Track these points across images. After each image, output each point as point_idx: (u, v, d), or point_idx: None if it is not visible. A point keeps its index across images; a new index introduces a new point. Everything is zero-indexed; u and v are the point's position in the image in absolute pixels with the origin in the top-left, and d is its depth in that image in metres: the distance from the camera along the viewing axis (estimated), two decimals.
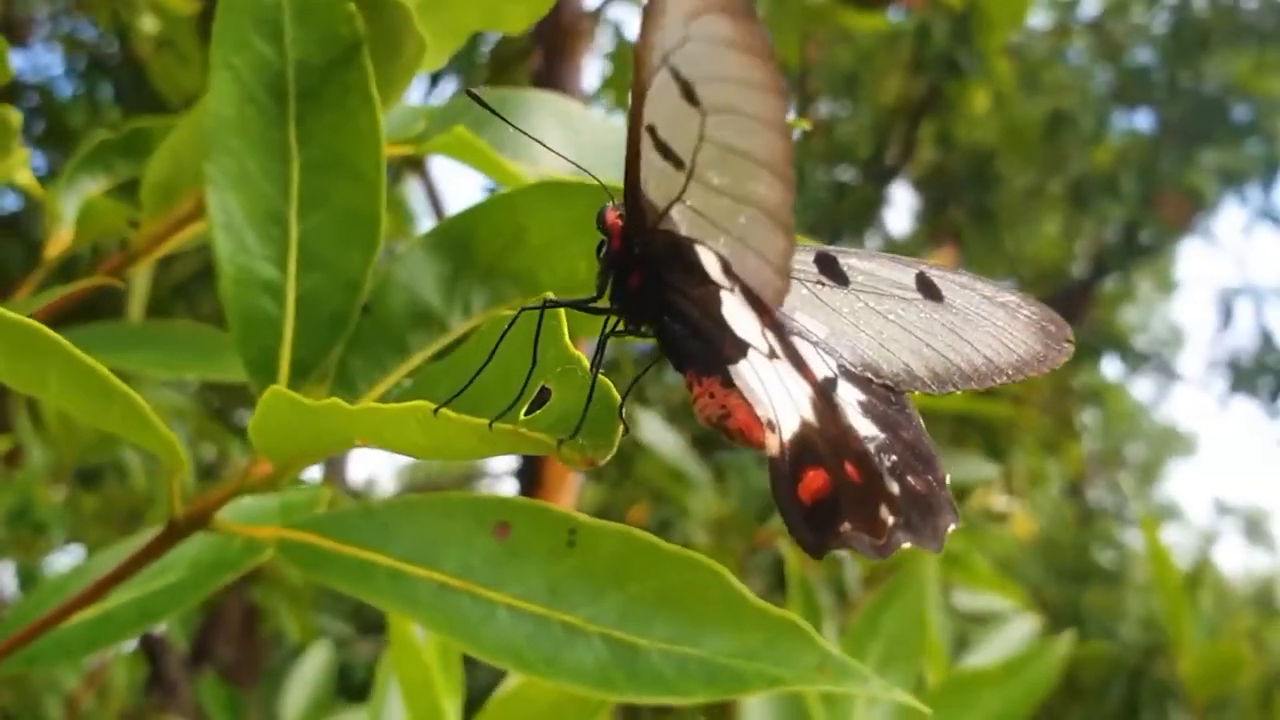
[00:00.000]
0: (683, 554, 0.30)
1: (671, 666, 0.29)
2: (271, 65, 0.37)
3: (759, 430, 0.27)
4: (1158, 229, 2.90)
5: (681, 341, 0.29)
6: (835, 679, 0.28)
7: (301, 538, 0.36)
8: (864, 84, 2.79)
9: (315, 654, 1.12)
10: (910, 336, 0.32)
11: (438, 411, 0.26)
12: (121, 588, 0.43)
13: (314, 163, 0.37)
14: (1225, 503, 6.76)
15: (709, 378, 0.28)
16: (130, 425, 0.32)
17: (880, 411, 0.30)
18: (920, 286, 0.33)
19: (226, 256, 0.36)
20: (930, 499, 0.28)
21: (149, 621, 0.44)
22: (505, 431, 0.26)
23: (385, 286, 0.39)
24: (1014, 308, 0.33)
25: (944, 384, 0.32)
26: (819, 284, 0.33)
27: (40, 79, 1.87)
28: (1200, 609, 1.05)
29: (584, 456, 0.26)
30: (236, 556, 0.45)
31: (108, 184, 0.50)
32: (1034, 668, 0.81)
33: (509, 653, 0.31)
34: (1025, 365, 0.33)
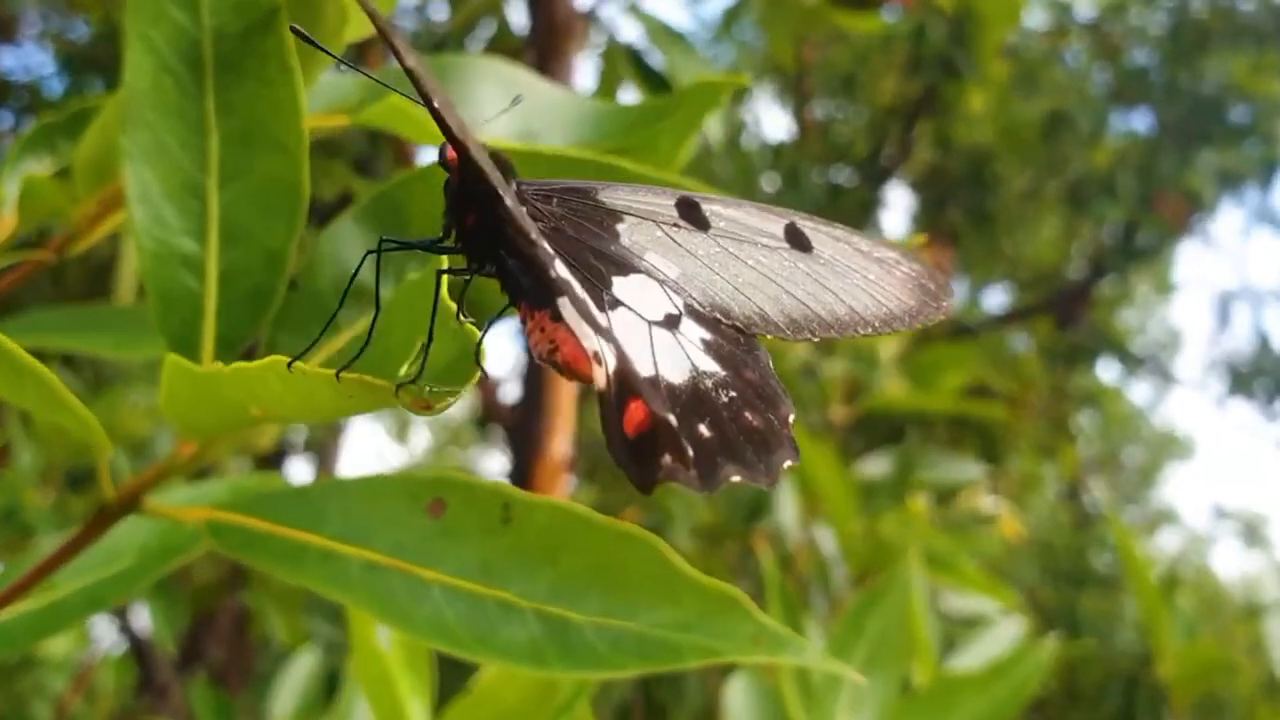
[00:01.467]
0: (618, 526, 0.30)
1: (605, 640, 0.29)
2: (187, 34, 0.36)
3: (586, 363, 0.27)
4: (1156, 230, 2.89)
5: (515, 277, 0.30)
6: (770, 649, 0.27)
7: (232, 519, 0.36)
8: (860, 85, 2.79)
9: (304, 657, 1.12)
10: (768, 282, 0.33)
11: (292, 365, 0.26)
12: (70, 576, 0.42)
13: (233, 134, 0.36)
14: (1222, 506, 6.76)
15: (539, 311, 0.29)
16: (45, 404, 0.32)
17: (725, 350, 0.31)
18: (788, 236, 0.34)
19: (144, 230, 0.36)
20: (768, 435, 0.29)
21: (97, 608, 0.43)
22: (351, 380, 0.26)
23: (313, 261, 0.38)
24: (891, 263, 0.34)
25: (800, 330, 0.33)
26: (675, 226, 0.33)
27: (31, 78, 1.86)
28: (1179, 611, 1.05)
29: (419, 401, 0.26)
30: (184, 542, 0.44)
31: (53, 165, 0.49)
32: (1020, 670, 0.81)
33: (441, 631, 0.30)
34: (894, 319, 0.34)
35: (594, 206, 0.33)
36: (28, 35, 1.84)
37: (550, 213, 0.32)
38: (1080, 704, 2.38)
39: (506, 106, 0.42)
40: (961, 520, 1.34)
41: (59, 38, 1.85)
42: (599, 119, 0.46)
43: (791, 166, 2.68)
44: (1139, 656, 2.31)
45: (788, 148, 2.79)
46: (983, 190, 2.88)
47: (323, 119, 0.44)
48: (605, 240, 0.32)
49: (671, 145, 0.45)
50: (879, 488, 1.33)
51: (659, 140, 0.45)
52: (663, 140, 0.45)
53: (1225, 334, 3.88)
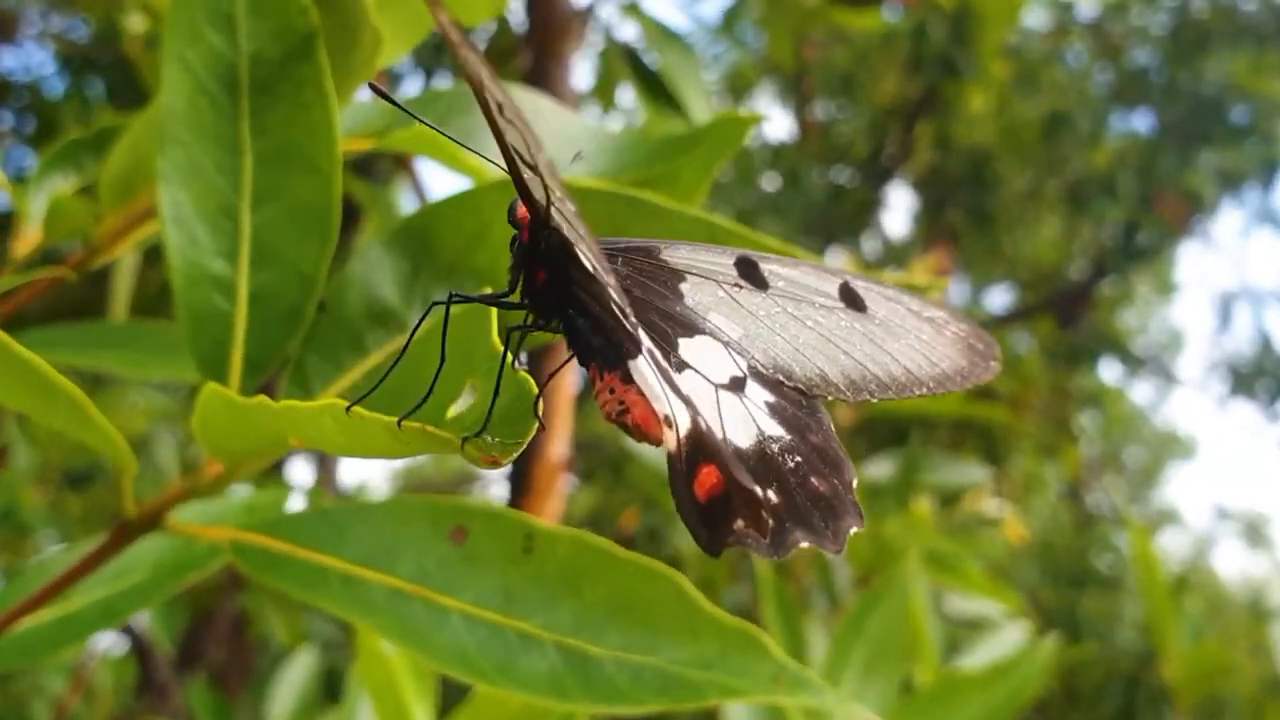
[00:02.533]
0: (638, 561, 0.29)
1: (625, 675, 0.29)
2: (224, 58, 0.36)
3: (656, 426, 0.27)
4: (1156, 230, 2.89)
5: (584, 336, 0.29)
6: (790, 690, 0.27)
7: (255, 540, 0.35)
8: (860, 85, 2.79)
9: (303, 658, 1.12)
10: (827, 343, 0.33)
11: (350, 409, 0.26)
12: (85, 589, 0.42)
13: (267, 156, 0.37)
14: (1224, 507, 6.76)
15: (610, 373, 0.28)
16: (76, 424, 0.31)
17: (789, 414, 0.31)
18: (843, 296, 0.34)
19: (176, 251, 0.36)
20: (834, 501, 0.29)
21: (111, 621, 0.43)
22: (413, 430, 0.26)
23: (343, 284, 0.38)
24: (941, 323, 0.34)
25: (859, 391, 0.33)
26: (737, 286, 0.33)
27: (31, 78, 1.86)
28: (1186, 614, 1.04)
29: (486, 455, 0.26)
30: (199, 557, 0.44)
31: (78, 182, 0.49)
32: (1020, 671, 0.81)
33: (461, 659, 0.30)
34: (947, 380, 0.34)
35: (658, 266, 0.33)
36: (28, 35, 1.84)
37: (617, 272, 0.32)
38: (1080, 704, 2.38)
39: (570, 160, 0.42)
40: (965, 523, 1.34)
41: (59, 37, 1.85)
42: (621, 150, 0.46)
43: (792, 167, 2.68)
44: (1139, 657, 2.30)
45: (788, 148, 2.79)
46: (983, 190, 2.88)
47: (348, 142, 0.43)
48: (670, 301, 0.32)
49: (694, 178, 0.45)
50: (883, 490, 1.33)
51: (682, 173, 0.45)
52: (685, 173, 0.45)
53: (1226, 334, 3.88)
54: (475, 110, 0.46)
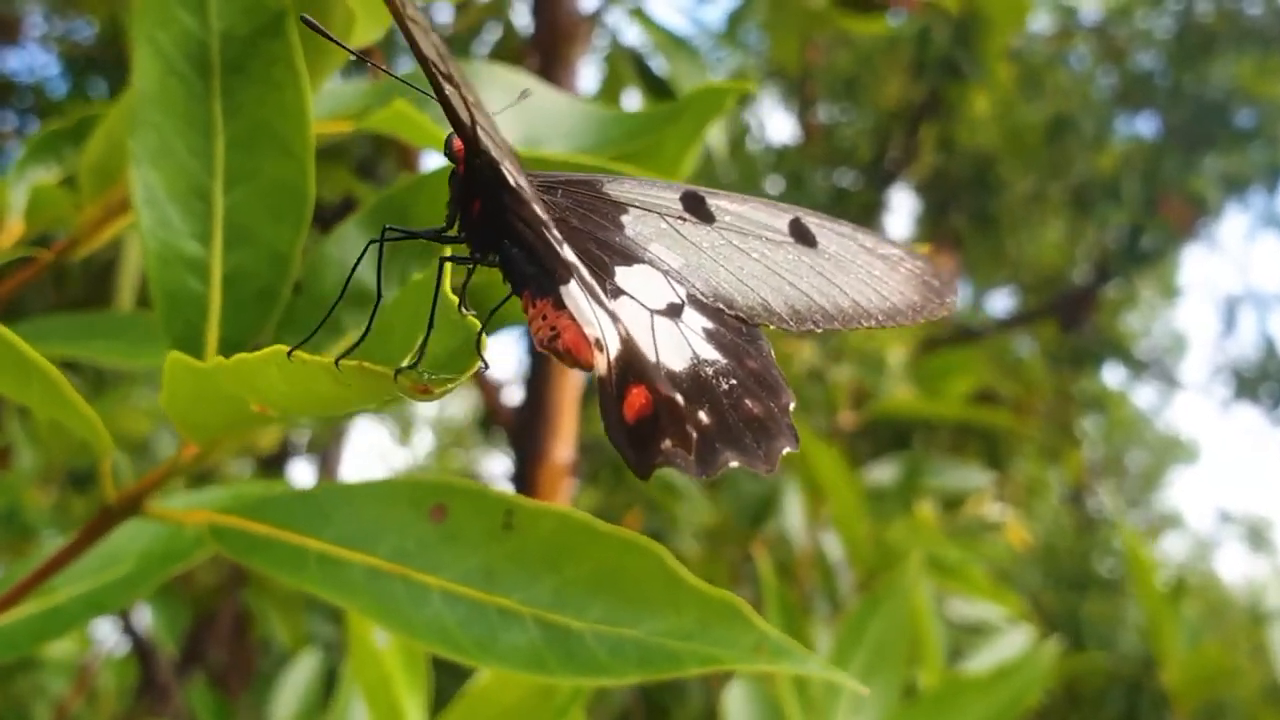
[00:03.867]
0: (620, 534, 0.30)
1: (605, 648, 0.29)
2: (195, 37, 0.36)
3: (587, 350, 0.27)
4: (1160, 234, 2.89)
5: (519, 265, 0.30)
6: (772, 658, 0.27)
7: (233, 522, 0.36)
8: (864, 88, 2.79)
9: (305, 659, 1.12)
10: (772, 274, 0.33)
11: (291, 354, 0.26)
12: (71, 580, 0.42)
13: (240, 137, 0.36)
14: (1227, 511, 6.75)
15: (542, 299, 0.29)
16: (50, 402, 0.31)
17: (727, 340, 0.31)
18: (793, 231, 0.34)
19: (149, 232, 0.36)
20: (768, 422, 0.29)
21: (98, 612, 0.43)
22: (350, 367, 0.26)
23: (318, 264, 0.38)
24: (895, 259, 0.35)
25: (803, 321, 0.33)
26: (681, 219, 0.34)
27: (35, 79, 1.87)
28: (1185, 619, 1.04)
29: (418, 385, 0.26)
30: (186, 547, 0.44)
31: (60, 173, 0.49)
32: (1021, 675, 0.80)
33: (441, 636, 0.31)
34: (897, 313, 0.34)
35: (599, 199, 0.33)
36: (32, 37, 1.84)
37: (555, 204, 0.32)
38: (1082, 708, 2.37)
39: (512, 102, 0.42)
40: (968, 527, 1.34)
41: (63, 39, 1.85)
42: (603, 125, 0.46)
43: (795, 170, 2.68)
44: (1142, 661, 2.30)
45: (792, 151, 2.78)
46: (987, 193, 2.87)
47: (327, 125, 0.43)
48: (610, 231, 0.33)
49: (677, 151, 0.45)
50: (886, 494, 1.33)
51: (664, 146, 0.45)
52: (668, 146, 0.45)
53: (1230, 338, 3.88)
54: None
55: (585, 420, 1.28)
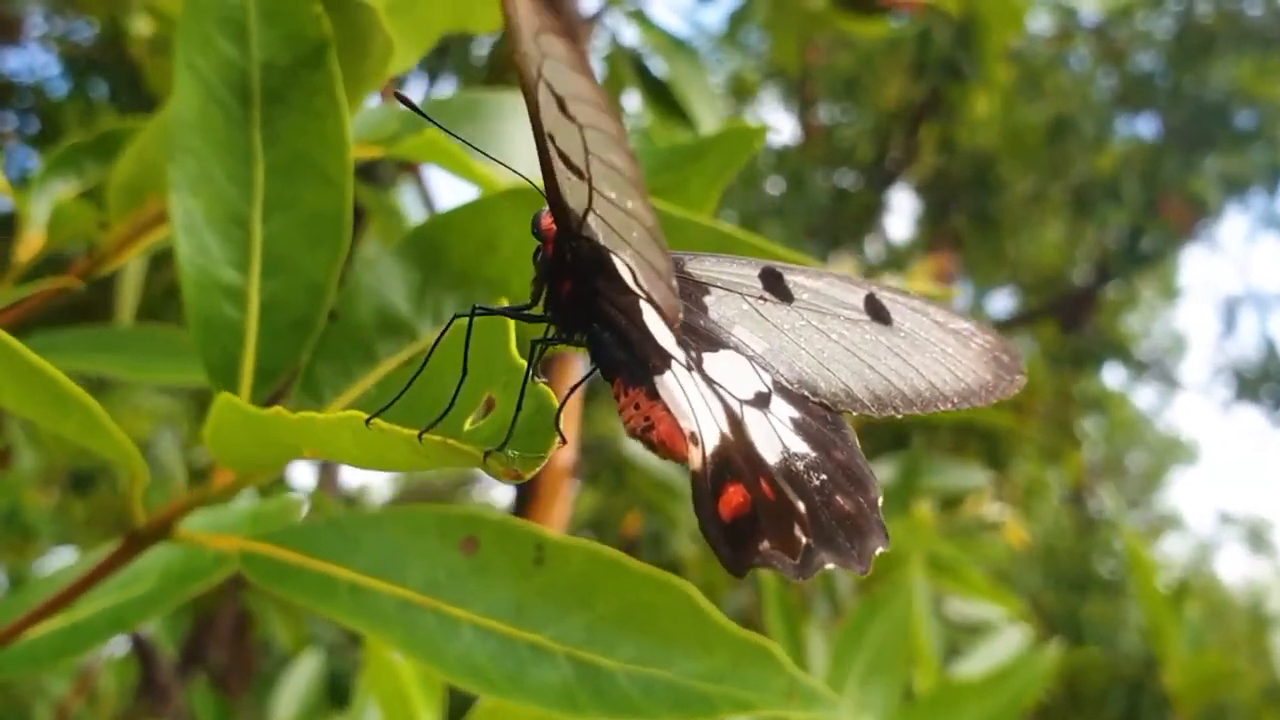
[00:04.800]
0: (650, 572, 0.29)
1: (638, 688, 0.29)
2: (236, 66, 0.36)
3: (682, 443, 0.26)
4: (1160, 235, 2.89)
5: (610, 350, 0.29)
6: (804, 704, 0.27)
7: (265, 550, 0.35)
8: (864, 89, 2.79)
9: (306, 661, 1.12)
10: (852, 357, 0.32)
11: (369, 422, 0.26)
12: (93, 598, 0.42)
13: (279, 165, 0.36)
14: (1227, 512, 6.75)
15: (635, 388, 0.28)
16: (88, 433, 0.31)
17: (814, 430, 0.30)
18: (868, 308, 0.33)
19: (187, 259, 0.36)
20: (859, 520, 0.28)
21: (119, 630, 0.43)
22: (435, 443, 0.26)
23: (353, 293, 0.38)
24: (967, 336, 0.33)
25: (884, 407, 0.32)
26: (761, 299, 0.32)
27: (35, 79, 1.87)
28: (1186, 621, 1.04)
29: (509, 470, 0.25)
30: (208, 566, 0.44)
31: (80, 187, 0.49)
32: (1020, 677, 0.80)
33: (472, 671, 0.30)
34: (972, 394, 0.33)
35: (683, 279, 0.32)
36: (32, 37, 1.84)
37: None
38: (1084, 709, 2.37)
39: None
40: (967, 527, 1.34)
41: (63, 40, 1.85)
42: None
43: (796, 170, 2.68)
44: (1143, 662, 2.30)
45: (792, 151, 2.78)
46: (987, 194, 2.87)
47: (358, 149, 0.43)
48: (695, 315, 0.31)
49: (703, 188, 0.45)
50: (884, 494, 1.33)
51: (690, 183, 0.45)
52: (694, 183, 0.45)
53: (1231, 339, 3.88)
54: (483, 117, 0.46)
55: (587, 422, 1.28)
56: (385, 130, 0.44)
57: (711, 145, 0.45)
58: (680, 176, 0.45)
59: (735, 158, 0.45)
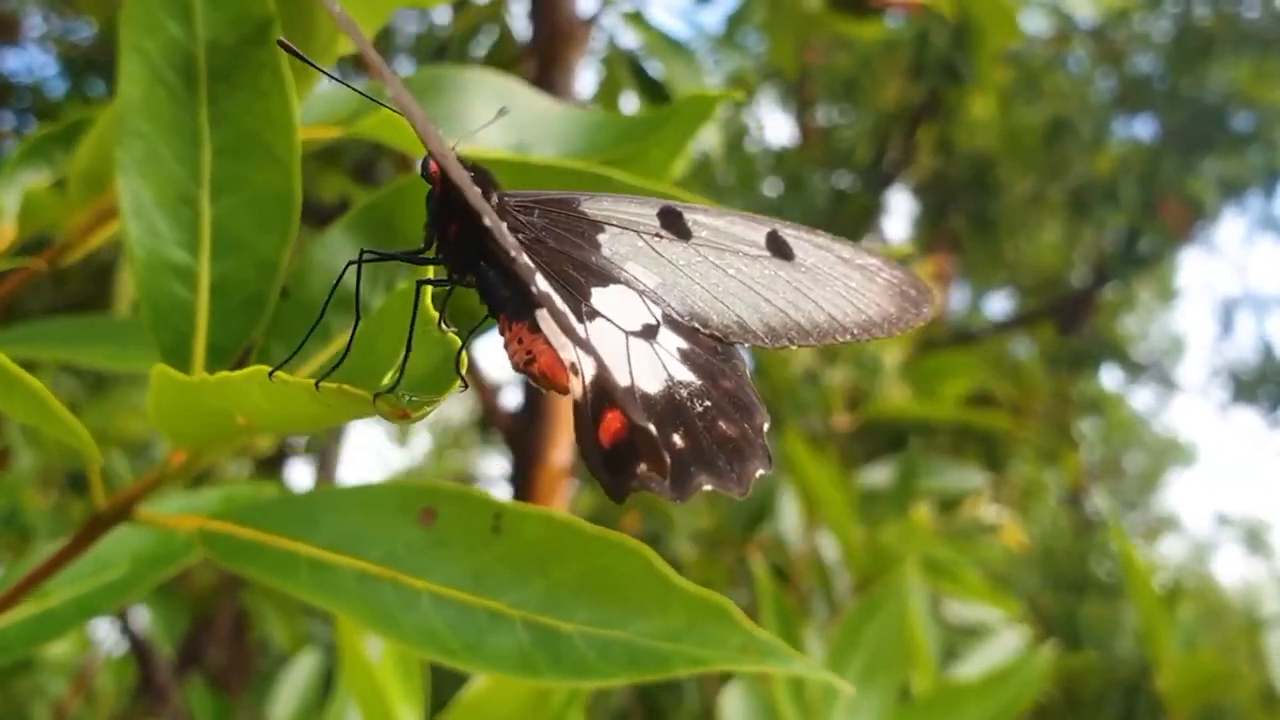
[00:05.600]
0: (607, 536, 0.30)
1: (594, 650, 0.29)
2: (182, 46, 0.36)
3: (563, 374, 0.27)
4: (1158, 237, 2.89)
5: (495, 288, 0.30)
6: (759, 659, 0.28)
7: (223, 528, 0.36)
8: (862, 90, 2.79)
9: (303, 660, 1.12)
10: (748, 290, 0.33)
11: (273, 375, 0.26)
12: (64, 585, 0.42)
13: (226, 145, 0.37)
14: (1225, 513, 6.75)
15: (518, 323, 0.29)
16: (36, 415, 0.32)
17: (702, 360, 0.31)
18: (770, 244, 0.34)
19: (137, 241, 0.36)
20: (742, 444, 0.29)
21: (91, 615, 0.44)
22: (330, 389, 0.26)
23: (305, 269, 0.38)
24: (873, 270, 0.34)
25: (778, 338, 0.33)
26: (657, 236, 0.33)
27: (34, 79, 1.87)
28: (1180, 623, 1.04)
29: (396, 409, 0.26)
30: (177, 550, 0.45)
31: (51, 177, 0.49)
32: (1017, 679, 0.81)
33: (430, 640, 0.31)
34: (873, 326, 0.34)
35: (576, 217, 0.33)
36: (30, 38, 1.84)
37: (531, 224, 0.32)
38: (1081, 711, 2.37)
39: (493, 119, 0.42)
40: (964, 528, 1.34)
41: (61, 40, 1.85)
42: (591, 130, 0.46)
43: (794, 172, 2.68)
44: (1139, 664, 2.30)
45: (790, 153, 2.79)
46: (985, 196, 2.87)
47: (317, 130, 0.44)
48: (586, 251, 0.33)
49: (664, 157, 0.45)
50: (881, 496, 1.33)
51: (651, 151, 0.45)
52: (655, 151, 0.45)
53: (1228, 341, 3.88)
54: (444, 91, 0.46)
55: None
56: (343, 111, 0.44)
57: (671, 114, 0.45)
58: (641, 146, 0.45)
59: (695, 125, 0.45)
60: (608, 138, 0.45)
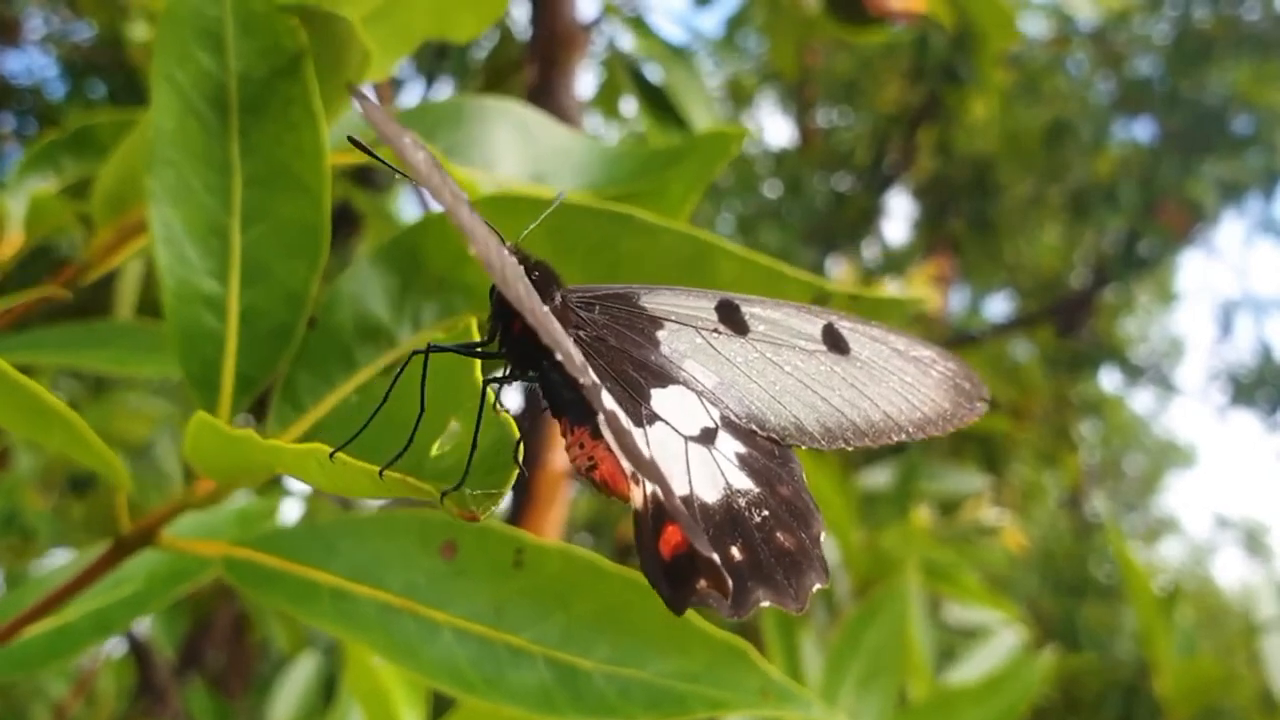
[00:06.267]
0: (627, 574, 0.30)
1: (614, 688, 0.29)
2: (213, 77, 0.37)
3: (624, 482, 0.27)
4: (1157, 239, 2.89)
5: (559, 390, 0.29)
6: (777, 703, 0.28)
7: (247, 555, 0.36)
8: (862, 92, 2.79)
9: (303, 662, 1.12)
10: (805, 389, 0.32)
11: (333, 455, 0.26)
12: (82, 601, 0.43)
13: (256, 175, 0.37)
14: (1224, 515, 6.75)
15: (580, 427, 0.28)
16: (70, 444, 0.32)
17: (759, 465, 0.30)
18: (826, 338, 0.33)
19: (167, 269, 0.36)
20: (799, 557, 0.28)
21: (106, 633, 0.44)
22: (394, 479, 0.26)
23: (333, 300, 0.38)
24: (927, 363, 0.34)
25: (834, 440, 0.32)
26: (715, 332, 0.33)
27: (34, 81, 1.87)
28: (1178, 626, 1.04)
29: (465, 510, 0.26)
30: (193, 568, 0.45)
31: (58, 183, 0.49)
32: (1016, 683, 0.81)
33: (452, 674, 0.31)
34: (928, 423, 0.33)
35: (635, 313, 0.32)
36: (31, 39, 1.84)
37: (593, 320, 0.32)
38: (1080, 713, 2.37)
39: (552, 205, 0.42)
40: (964, 531, 1.34)
41: (62, 42, 1.85)
42: (609, 163, 0.46)
43: (794, 173, 2.68)
44: (1138, 667, 2.30)
45: (790, 155, 2.79)
46: (985, 198, 2.87)
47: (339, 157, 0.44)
48: (646, 350, 0.32)
49: (682, 191, 0.45)
50: (881, 499, 1.33)
51: (670, 186, 0.45)
52: (674, 186, 0.45)
53: (1227, 343, 3.88)
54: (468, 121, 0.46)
55: None
56: (366, 136, 0.44)
57: (690, 149, 0.45)
58: (659, 181, 0.45)
59: (714, 162, 0.45)
60: (626, 170, 0.45)
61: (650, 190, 0.45)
